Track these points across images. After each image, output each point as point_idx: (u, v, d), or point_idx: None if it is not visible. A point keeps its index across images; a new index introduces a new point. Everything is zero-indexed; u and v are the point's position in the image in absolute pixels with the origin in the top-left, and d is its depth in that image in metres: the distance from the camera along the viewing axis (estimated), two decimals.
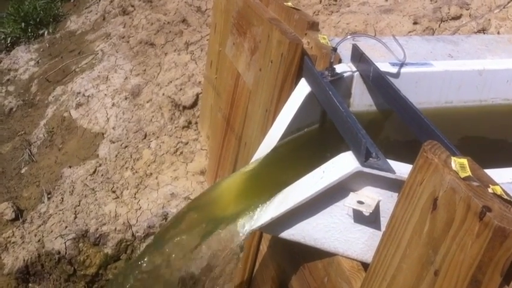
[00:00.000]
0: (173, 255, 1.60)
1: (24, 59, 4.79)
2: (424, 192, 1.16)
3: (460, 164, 1.14)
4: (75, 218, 2.84)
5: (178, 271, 1.60)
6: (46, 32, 5.10)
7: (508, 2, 3.20)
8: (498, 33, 3.04)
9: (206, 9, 4.23)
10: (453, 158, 1.15)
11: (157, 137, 3.25)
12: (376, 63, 1.85)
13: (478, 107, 2.10)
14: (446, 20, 3.25)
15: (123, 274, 1.68)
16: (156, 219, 2.80)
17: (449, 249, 1.08)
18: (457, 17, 3.26)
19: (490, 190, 1.08)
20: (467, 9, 3.29)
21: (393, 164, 1.37)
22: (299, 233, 1.55)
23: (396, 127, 1.83)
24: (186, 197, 2.89)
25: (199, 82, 3.45)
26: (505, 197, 1.08)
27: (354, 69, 1.94)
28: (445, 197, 1.10)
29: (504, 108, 2.12)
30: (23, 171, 3.44)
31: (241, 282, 2.25)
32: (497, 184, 1.12)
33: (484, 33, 3.08)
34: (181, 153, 3.13)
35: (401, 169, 1.35)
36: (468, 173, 1.11)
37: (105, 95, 3.68)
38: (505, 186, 1.13)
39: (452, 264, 1.08)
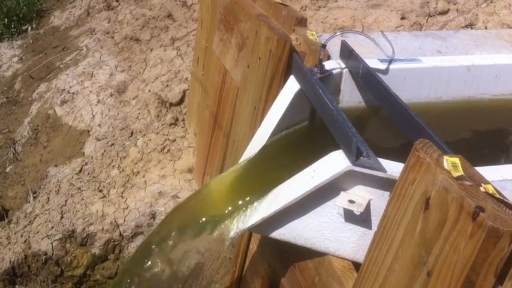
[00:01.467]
0: (164, 257, 1.58)
1: (8, 56, 4.72)
2: (416, 192, 1.15)
3: (452, 163, 1.13)
4: (62, 218, 2.80)
5: (169, 273, 1.58)
6: (29, 28, 5.02)
7: None
8: (486, 28, 3.04)
9: (192, 4, 4.19)
10: (445, 157, 1.14)
11: (144, 135, 3.21)
12: (365, 60, 1.84)
13: (467, 102, 2.10)
14: (434, 15, 3.25)
15: (115, 279, 1.65)
16: (144, 218, 2.77)
17: (442, 250, 1.08)
18: (444, 12, 3.26)
19: (482, 189, 1.07)
20: (454, 4, 3.29)
21: (384, 162, 1.36)
22: (290, 232, 1.54)
23: (386, 124, 1.82)
24: (174, 195, 2.86)
25: (186, 78, 3.42)
26: (497, 196, 1.07)
27: (343, 65, 1.92)
28: (437, 196, 1.09)
29: (493, 104, 2.12)
30: (7, 170, 3.38)
31: (231, 282, 2.24)
32: (489, 183, 1.11)
33: (472, 28, 3.09)
34: (169, 150, 3.10)
35: (393, 168, 1.34)
36: (460, 172, 1.10)
37: (90, 91, 3.63)
38: (496, 184, 1.12)
39: (446, 265, 1.07)
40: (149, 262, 1.59)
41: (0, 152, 3.54)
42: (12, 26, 5.04)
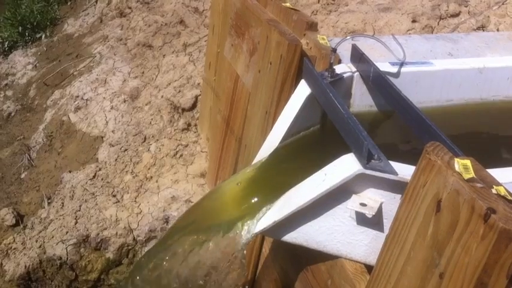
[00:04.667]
0: (176, 262, 1.59)
1: (22, 63, 4.78)
2: (427, 194, 1.15)
3: (463, 165, 1.13)
4: (76, 223, 2.83)
5: (181, 277, 1.59)
6: (43, 36, 5.08)
7: None
8: (497, 30, 3.03)
9: (203, 10, 4.22)
10: (456, 159, 1.14)
11: (157, 140, 3.24)
12: (375, 63, 1.85)
13: (479, 104, 2.09)
14: (445, 18, 3.24)
15: (125, 281, 1.67)
16: (157, 222, 2.79)
17: (454, 252, 1.08)
18: (455, 15, 3.25)
19: (493, 191, 1.07)
20: (466, 6, 3.28)
21: (395, 165, 1.37)
22: (302, 236, 1.54)
23: (397, 127, 1.82)
24: (186, 200, 2.87)
25: (198, 84, 3.44)
26: (509, 197, 1.07)
27: (354, 69, 1.93)
28: (448, 199, 1.09)
29: (505, 106, 2.11)
30: (22, 176, 3.42)
31: (243, 285, 2.24)
32: (500, 184, 1.11)
33: (483, 30, 3.07)
34: (181, 155, 3.12)
35: (404, 171, 1.35)
36: (472, 174, 1.10)
37: (104, 98, 3.67)
38: (509, 186, 1.12)
39: (458, 267, 1.07)
40: (161, 266, 1.61)
41: (15, 159, 3.58)
42: (27, 34, 5.11)
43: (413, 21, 3.24)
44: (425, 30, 3.18)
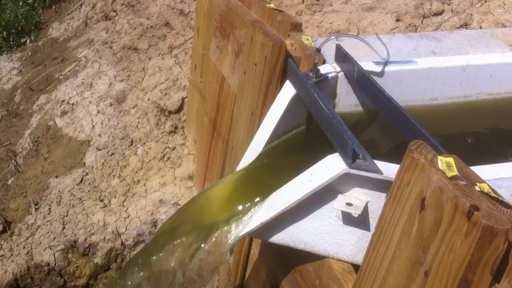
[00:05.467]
0: (163, 264, 1.59)
1: (7, 68, 4.74)
2: (411, 193, 1.16)
3: (446, 163, 1.14)
4: (64, 228, 2.81)
5: (168, 279, 1.59)
6: (28, 40, 5.05)
7: None
8: (480, 27, 3.05)
9: (189, 12, 4.21)
10: (439, 157, 1.15)
11: (144, 143, 3.22)
12: (360, 63, 1.85)
13: (463, 102, 2.11)
14: (429, 16, 3.26)
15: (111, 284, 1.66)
16: (145, 226, 2.78)
17: (439, 250, 1.08)
18: (439, 13, 3.27)
19: (477, 188, 1.08)
20: (449, 5, 3.31)
21: (380, 164, 1.37)
22: (289, 236, 1.54)
23: (382, 127, 1.83)
24: (174, 202, 2.87)
25: (184, 86, 3.43)
26: (492, 194, 1.07)
27: (338, 69, 1.94)
28: (432, 197, 1.10)
29: (489, 103, 2.13)
30: (9, 182, 3.39)
31: (232, 287, 2.24)
32: (484, 182, 1.12)
33: (467, 28, 3.10)
34: (169, 158, 3.11)
35: (389, 169, 1.35)
36: (455, 172, 1.11)
37: (90, 102, 3.65)
38: (492, 183, 1.13)
39: (442, 264, 1.07)
40: (147, 269, 1.60)
41: (2, 165, 3.55)
42: (11, 38, 5.07)
43: (397, 20, 3.26)
44: (409, 29, 3.20)
